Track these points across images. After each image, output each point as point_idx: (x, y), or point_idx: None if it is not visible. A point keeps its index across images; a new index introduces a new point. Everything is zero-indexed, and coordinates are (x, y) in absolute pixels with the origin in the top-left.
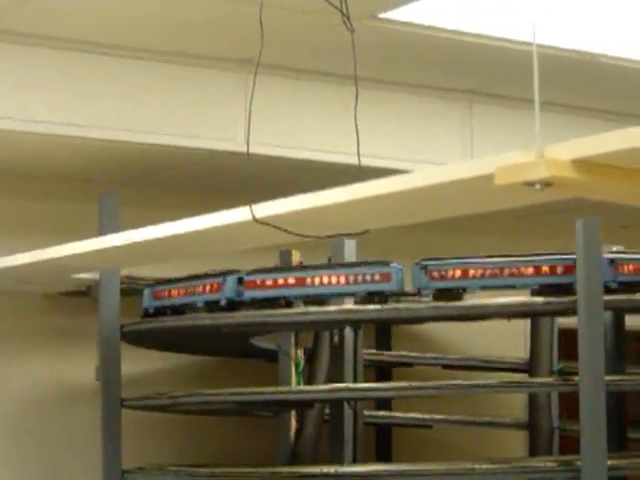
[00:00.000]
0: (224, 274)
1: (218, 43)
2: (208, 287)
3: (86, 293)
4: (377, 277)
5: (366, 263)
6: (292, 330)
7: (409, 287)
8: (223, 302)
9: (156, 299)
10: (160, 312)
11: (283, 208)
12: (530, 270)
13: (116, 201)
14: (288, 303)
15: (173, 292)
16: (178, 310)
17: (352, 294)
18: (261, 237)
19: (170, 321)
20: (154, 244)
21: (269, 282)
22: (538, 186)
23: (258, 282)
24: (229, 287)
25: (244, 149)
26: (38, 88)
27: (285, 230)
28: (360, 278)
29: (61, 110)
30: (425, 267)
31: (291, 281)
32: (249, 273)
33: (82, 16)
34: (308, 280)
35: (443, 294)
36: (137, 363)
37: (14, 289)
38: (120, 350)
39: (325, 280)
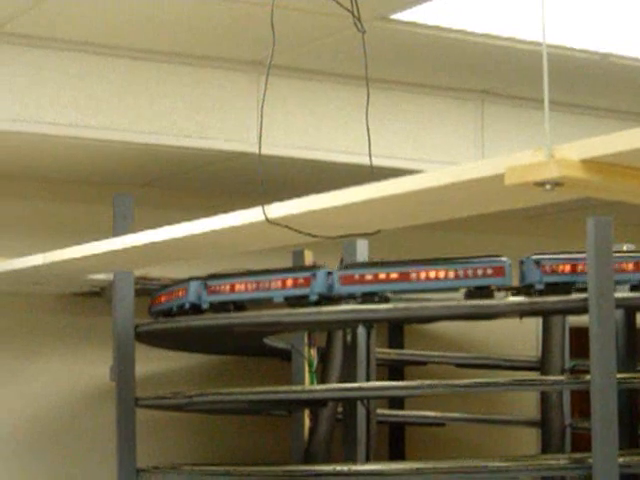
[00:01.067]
0: (311, 268)
1: (230, 45)
2: (291, 282)
3: (100, 294)
4: (490, 271)
5: (475, 257)
6: (305, 329)
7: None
8: (314, 297)
9: (212, 294)
10: (218, 308)
11: (296, 208)
12: (630, 266)
13: (130, 202)
14: (384, 299)
15: (238, 286)
16: (240, 306)
17: (459, 289)
18: (274, 238)
19: (184, 321)
20: (168, 245)
21: (369, 277)
22: (548, 186)
23: (356, 277)
24: (320, 282)
25: (256, 150)
26: (51, 90)
27: (298, 230)
28: (471, 272)
29: (74, 112)
30: (538, 262)
31: (394, 276)
32: (344, 267)
33: (94, 18)
34: (413, 275)
35: (553, 288)
36: (151, 363)
37: (29, 290)
38: (134, 350)
39: (432, 275)
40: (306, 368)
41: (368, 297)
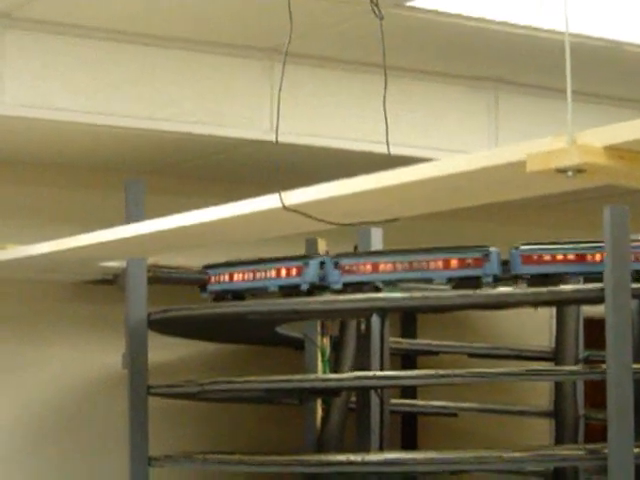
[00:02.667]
0: (481, 248)
1: (243, 32)
2: (456, 262)
3: (112, 281)
4: None
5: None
6: (319, 318)
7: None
8: (488, 279)
9: (347, 274)
10: (356, 289)
11: (312, 196)
12: None
13: (142, 189)
14: (556, 282)
15: (383, 267)
16: (378, 287)
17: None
18: (290, 225)
19: (197, 309)
20: (181, 232)
21: (547, 257)
22: (570, 173)
23: (535, 257)
24: (494, 263)
25: (270, 137)
26: (64, 76)
27: (314, 218)
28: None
29: (87, 99)
30: None
31: (571, 257)
32: (515, 247)
33: (107, 4)
34: (589, 257)
35: None
36: (164, 351)
37: (41, 278)
38: (147, 338)
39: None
40: (319, 357)
41: (540, 279)
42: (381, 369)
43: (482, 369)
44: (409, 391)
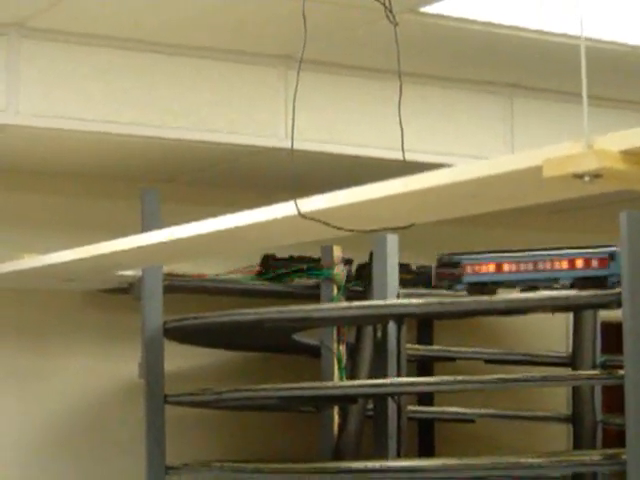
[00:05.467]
0: None
1: (257, 39)
2: None
3: (128, 290)
4: None
5: None
6: (335, 325)
7: None
8: None
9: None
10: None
11: (328, 203)
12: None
13: (158, 198)
14: None
15: None
16: None
17: None
18: (306, 232)
19: (213, 317)
20: (197, 240)
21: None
22: (587, 178)
23: None
24: None
25: (286, 145)
26: (78, 86)
27: (331, 225)
28: None
29: (101, 107)
30: None
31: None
32: None
33: (120, 13)
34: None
35: None
36: (180, 359)
37: (57, 287)
38: (163, 347)
39: None
40: (335, 364)
41: None
42: (398, 376)
43: (499, 375)
44: (426, 397)
